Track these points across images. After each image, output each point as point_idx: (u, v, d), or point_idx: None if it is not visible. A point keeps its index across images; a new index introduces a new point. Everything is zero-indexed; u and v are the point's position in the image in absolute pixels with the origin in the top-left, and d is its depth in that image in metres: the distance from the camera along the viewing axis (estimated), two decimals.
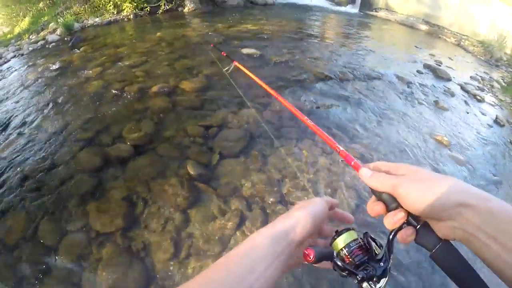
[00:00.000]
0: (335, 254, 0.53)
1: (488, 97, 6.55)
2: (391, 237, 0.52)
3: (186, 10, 9.15)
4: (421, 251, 2.40)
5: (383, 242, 0.54)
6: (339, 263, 0.51)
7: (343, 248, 0.53)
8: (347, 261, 0.52)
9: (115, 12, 8.36)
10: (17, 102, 4.37)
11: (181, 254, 2.22)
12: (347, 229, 0.55)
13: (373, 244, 0.55)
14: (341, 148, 0.64)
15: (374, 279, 0.50)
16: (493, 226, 0.40)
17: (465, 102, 5.78)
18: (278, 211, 2.52)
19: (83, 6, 8.51)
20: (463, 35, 11.45)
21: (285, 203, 2.61)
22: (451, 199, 0.44)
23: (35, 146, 3.27)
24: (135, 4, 8.33)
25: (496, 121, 5.48)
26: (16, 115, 3.98)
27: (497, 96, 6.91)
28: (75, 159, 3.01)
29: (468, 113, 5.39)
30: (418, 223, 0.49)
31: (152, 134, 3.30)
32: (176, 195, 2.59)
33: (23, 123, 3.76)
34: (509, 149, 4.76)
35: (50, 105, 4.08)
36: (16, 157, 3.15)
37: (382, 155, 3.41)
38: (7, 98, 4.62)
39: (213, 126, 3.41)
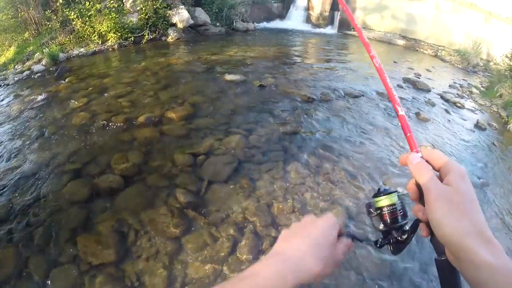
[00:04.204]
0: (374, 207, 0.57)
1: (468, 103, 6.78)
2: (415, 222, 0.53)
3: (169, 39, 9.32)
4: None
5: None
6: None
7: (384, 207, 0.56)
8: (385, 219, 0.56)
9: (100, 42, 8.45)
10: (3, 133, 4.28)
11: (176, 283, 2.19)
12: (391, 191, 0.57)
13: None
14: (402, 113, 0.58)
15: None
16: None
17: (446, 110, 5.97)
18: (270, 234, 2.53)
19: (68, 37, 8.55)
20: (440, 46, 11.88)
21: (276, 225, 2.63)
22: (456, 240, 0.43)
23: (22, 179, 3.20)
24: (119, 34, 8.45)
25: (477, 125, 5.66)
26: (1, 147, 3.90)
27: (476, 101, 7.14)
28: (63, 191, 2.97)
29: (449, 121, 5.56)
30: None
31: (140, 164, 3.31)
32: (167, 224, 2.58)
33: (9, 155, 3.68)
34: (492, 151, 4.91)
35: (37, 136, 4.02)
36: (2, 189, 3.08)
37: (368, 172, 3.47)
38: None
39: (200, 153, 3.44)
